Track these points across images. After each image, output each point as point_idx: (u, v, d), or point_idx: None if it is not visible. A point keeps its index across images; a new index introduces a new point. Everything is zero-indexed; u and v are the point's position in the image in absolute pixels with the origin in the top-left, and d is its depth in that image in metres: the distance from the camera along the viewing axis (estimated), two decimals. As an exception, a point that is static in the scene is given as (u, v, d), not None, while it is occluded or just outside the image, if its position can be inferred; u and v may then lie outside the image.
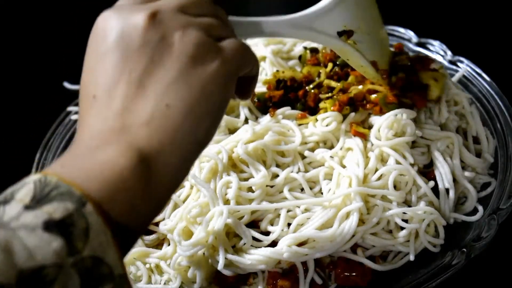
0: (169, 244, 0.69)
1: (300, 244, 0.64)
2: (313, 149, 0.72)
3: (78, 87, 0.61)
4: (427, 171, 0.72)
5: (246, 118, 0.77)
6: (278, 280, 0.64)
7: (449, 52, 0.89)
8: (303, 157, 0.71)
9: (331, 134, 0.72)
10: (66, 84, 0.95)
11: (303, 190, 0.69)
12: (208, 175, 0.68)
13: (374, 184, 0.67)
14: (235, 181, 0.66)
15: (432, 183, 0.69)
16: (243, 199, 0.67)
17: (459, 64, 0.87)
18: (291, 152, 0.71)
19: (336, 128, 0.72)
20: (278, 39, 0.90)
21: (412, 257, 0.66)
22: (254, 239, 0.65)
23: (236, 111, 0.79)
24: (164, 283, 0.67)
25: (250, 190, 0.68)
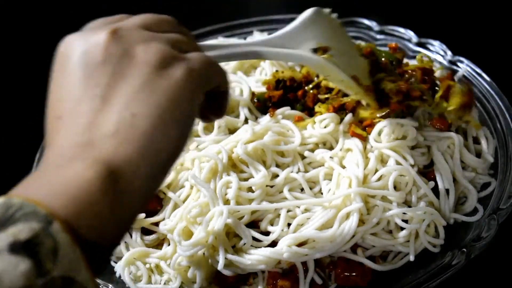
0: (169, 244, 0.69)
1: (300, 244, 0.64)
2: (312, 150, 0.72)
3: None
4: (427, 172, 0.72)
5: (246, 118, 0.77)
6: (278, 280, 0.64)
7: (449, 52, 0.88)
8: (303, 157, 0.71)
9: (330, 136, 0.72)
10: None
11: (303, 190, 0.69)
12: (208, 175, 0.68)
13: (374, 184, 0.67)
14: (235, 181, 0.66)
15: (432, 184, 0.69)
16: (243, 199, 0.67)
17: (459, 64, 0.87)
18: (291, 152, 0.71)
19: (334, 129, 0.72)
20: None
21: (412, 257, 0.66)
22: (254, 239, 0.65)
23: (236, 111, 0.79)
24: (164, 283, 0.67)
25: (250, 190, 0.68)
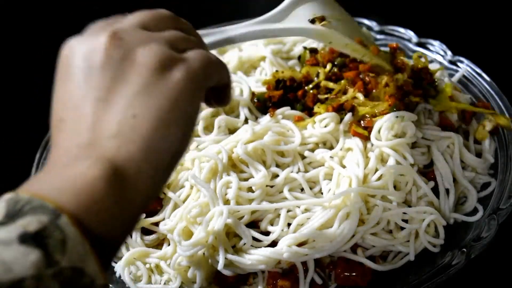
0: (169, 244, 0.69)
1: (300, 244, 0.64)
2: (312, 150, 0.72)
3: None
4: (427, 171, 0.72)
5: (246, 118, 0.77)
6: (278, 280, 0.64)
7: (449, 52, 0.89)
8: (303, 157, 0.71)
9: (330, 135, 0.72)
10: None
11: (303, 190, 0.69)
12: (208, 175, 0.68)
13: (374, 184, 0.67)
14: (235, 181, 0.66)
15: (432, 183, 0.69)
16: (243, 199, 0.67)
17: (459, 64, 0.87)
18: (291, 152, 0.71)
19: (334, 128, 0.72)
20: (278, 39, 0.90)
21: (412, 257, 0.66)
22: (254, 239, 0.65)
23: (236, 111, 0.79)
24: (164, 283, 0.67)
25: (250, 190, 0.68)
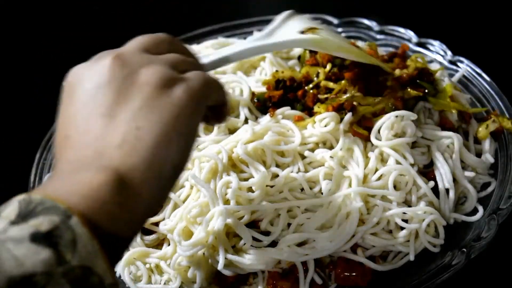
0: (169, 244, 0.69)
1: (300, 244, 0.64)
2: (312, 150, 0.72)
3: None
4: (427, 171, 0.72)
5: (246, 118, 0.77)
6: (278, 280, 0.64)
7: (449, 52, 0.88)
8: (303, 157, 0.71)
9: (330, 135, 0.72)
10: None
11: (303, 190, 0.69)
12: (208, 175, 0.68)
13: (374, 184, 0.67)
14: (235, 181, 0.66)
15: (432, 183, 0.69)
16: (243, 199, 0.67)
17: (459, 64, 0.87)
18: (291, 152, 0.71)
19: (335, 128, 0.72)
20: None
21: (412, 257, 0.66)
22: (254, 239, 0.65)
23: (236, 111, 0.79)
24: (164, 283, 0.67)
25: (250, 190, 0.68)
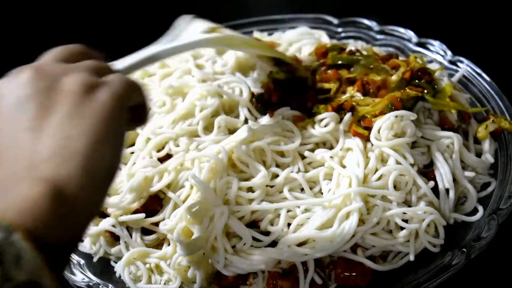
0: (169, 244, 0.69)
1: (300, 244, 0.64)
2: (312, 150, 0.72)
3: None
4: (427, 171, 0.72)
5: (246, 119, 0.77)
6: (278, 280, 0.64)
7: (449, 52, 0.89)
8: (303, 157, 0.71)
9: (330, 135, 0.72)
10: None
11: (303, 190, 0.69)
12: (208, 175, 0.68)
13: (374, 184, 0.67)
14: (235, 181, 0.66)
15: (432, 183, 0.69)
16: (243, 199, 0.67)
17: (459, 64, 0.87)
18: (291, 152, 0.71)
19: (334, 128, 0.72)
20: (270, 41, 0.91)
21: (412, 257, 0.66)
22: (254, 239, 0.65)
23: (235, 111, 0.79)
24: (164, 283, 0.67)
25: (250, 190, 0.68)
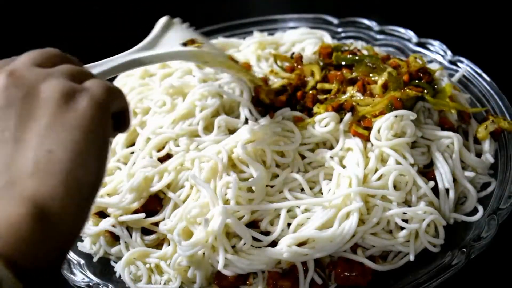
0: (169, 244, 0.69)
1: (300, 244, 0.64)
2: (312, 150, 0.72)
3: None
4: (427, 171, 0.71)
5: (246, 119, 0.77)
6: (278, 280, 0.64)
7: (449, 52, 0.89)
8: (303, 157, 0.71)
9: (330, 135, 0.72)
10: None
11: (303, 190, 0.69)
12: (208, 175, 0.68)
13: (374, 184, 0.67)
14: (234, 181, 0.66)
15: (432, 183, 0.69)
16: (243, 199, 0.67)
17: (459, 64, 0.87)
18: (291, 152, 0.71)
19: (334, 128, 0.72)
20: (274, 42, 0.91)
21: (412, 257, 0.66)
22: (254, 239, 0.65)
23: (236, 111, 0.79)
24: (164, 283, 0.67)
25: (250, 190, 0.68)
